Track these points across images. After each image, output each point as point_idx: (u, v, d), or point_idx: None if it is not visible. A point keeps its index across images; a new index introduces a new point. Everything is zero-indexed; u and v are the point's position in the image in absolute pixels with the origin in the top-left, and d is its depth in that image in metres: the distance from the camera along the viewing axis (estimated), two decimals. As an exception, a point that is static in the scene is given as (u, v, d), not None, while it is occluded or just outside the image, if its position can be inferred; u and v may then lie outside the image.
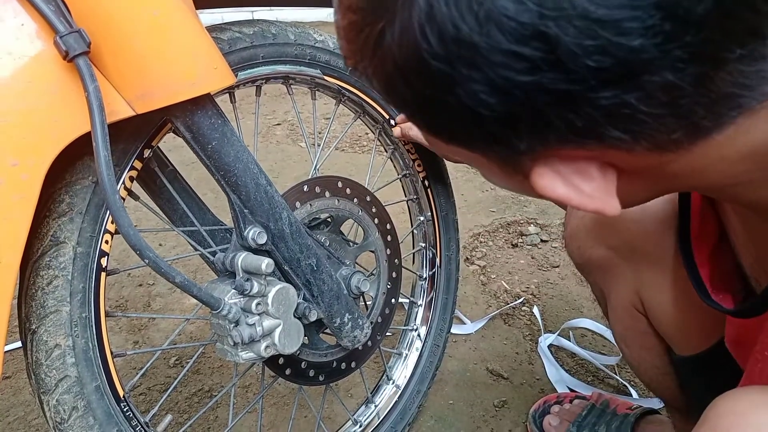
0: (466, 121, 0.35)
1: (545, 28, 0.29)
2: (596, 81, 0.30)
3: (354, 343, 0.84)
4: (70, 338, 0.61)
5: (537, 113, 0.32)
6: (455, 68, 0.32)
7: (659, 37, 0.29)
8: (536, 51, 0.30)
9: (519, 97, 0.32)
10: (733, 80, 0.32)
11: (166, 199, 0.76)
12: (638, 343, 0.84)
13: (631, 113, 0.32)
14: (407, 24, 0.32)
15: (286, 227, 0.71)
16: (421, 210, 1.08)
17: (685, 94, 0.32)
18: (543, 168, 0.37)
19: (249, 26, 0.75)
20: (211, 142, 0.64)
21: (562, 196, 0.37)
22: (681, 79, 0.31)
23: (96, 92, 0.51)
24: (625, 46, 0.29)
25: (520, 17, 0.29)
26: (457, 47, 0.31)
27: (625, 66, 0.30)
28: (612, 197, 0.38)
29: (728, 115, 0.34)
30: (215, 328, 0.69)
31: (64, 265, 0.60)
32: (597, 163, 0.37)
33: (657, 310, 0.78)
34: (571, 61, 0.30)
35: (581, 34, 0.29)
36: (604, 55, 0.29)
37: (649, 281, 0.78)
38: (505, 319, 1.44)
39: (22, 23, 0.51)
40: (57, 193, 0.60)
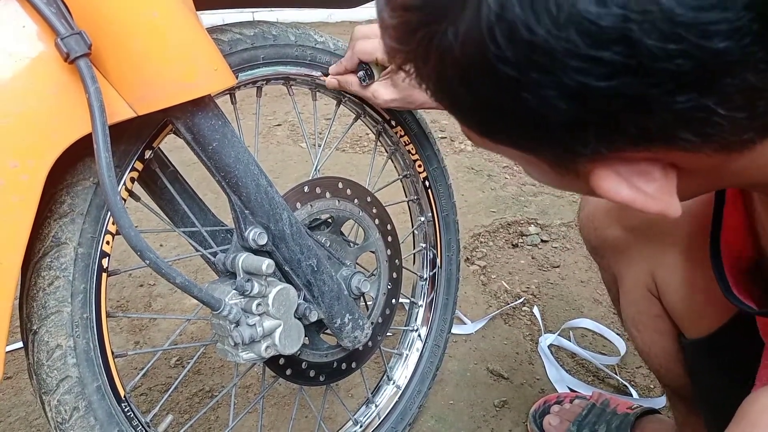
0: (527, 125, 0.33)
1: (628, 31, 0.28)
2: (675, 85, 0.29)
3: (354, 344, 0.84)
4: (72, 339, 0.61)
5: (609, 118, 0.31)
6: (525, 73, 0.30)
7: (746, 38, 0.28)
8: (617, 55, 0.29)
9: (594, 103, 0.30)
10: None
11: (167, 200, 0.76)
12: (651, 326, 0.84)
13: (706, 116, 0.31)
14: (474, 24, 0.30)
15: (287, 228, 0.71)
16: (421, 210, 1.08)
17: (763, 96, 0.31)
18: (604, 170, 0.36)
19: (250, 27, 0.76)
20: (212, 143, 0.64)
21: (627, 199, 0.36)
22: (761, 81, 0.30)
23: (97, 94, 0.52)
24: (710, 49, 0.28)
25: (603, 21, 0.28)
26: (530, 51, 0.29)
27: (707, 69, 0.29)
28: (673, 197, 0.37)
29: None
30: (216, 328, 0.69)
31: (66, 266, 0.60)
32: (660, 164, 0.36)
33: (670, 289, 0.78)
34: (651, 65, 0.29)
35: (665, 38, 0.28)
36: (687, 58, 0.28)
37: (665, 261, 0.78)
38: (506, 319, 1.44)
39: (24, 25, 0.52)
40: (58, 194, 0.61)
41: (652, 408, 1.03)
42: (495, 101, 0.33)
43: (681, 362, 0.83)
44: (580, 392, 1.16)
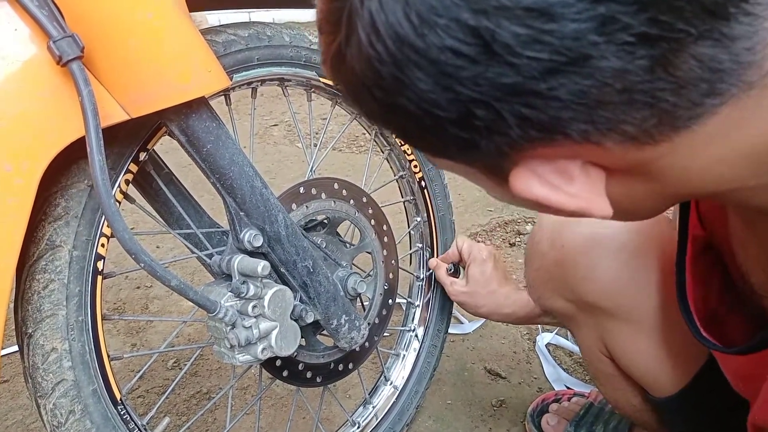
0: (427, 125, 0.35)
1: (476, 21, 0.29)
2: (539, 71, 0.30)
3: (351, 345, 0.84)
4: (67, 342, 0.61)
5: (489, 109, 0.32)
6: (403, 71, 0.32)
7: (595, 21, 0.28)
8: (472, 46, 0.30)
9: (466, 94, 0.32)
10: (700, 64, 0.31)
11: (163, 202, 0.76)
12: (610, 384, 0.84)
13: (587, 103, 0.31)
14: (357, 37, 0.33)
15: (282, 230, 0.71)
16: (417, 211, 1.08)
17: (642, 80, 0.31)
18: (520, 169, 0.37)
19: (244, 28, 0.75)
20: (206, 145, 0.64)
21: (539, 196, 0.37)
22: (631, 64, 0.30)
23: (90, 96, 0.51)
24: (559, 32, 0.29)
25: (450, 13, 0.29)
26: (400, 50, 0.31)
27: (565, 54, 0.29)
28: (599, 197, 0.37)
29: (705, 104, 0.33)
30: (212, 330, 0.69)
31: (60, 269, 0.60)
32: (578, 161, 0.36)
33: (624, 359, 0.78)
34: (508, 53, 0.29)
35: (512, 25, 0.29)
36: (540, 43, 0.29)
37: (611, 332, 0.77)
38: (503, 319, 1.44)
39: (16, 28, 0.51)
40: (53, 197, 0.61)
41: (649, 406, 1.03)
42: (393, 105, 0.35)
43: (650, 413, 0.82)
44: (578, 391, 1.16)
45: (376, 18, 0.31)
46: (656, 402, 0.78)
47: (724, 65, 0.31)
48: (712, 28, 0.30)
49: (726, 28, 0.30)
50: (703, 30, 0.30)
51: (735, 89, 0.32)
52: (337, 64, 0.36)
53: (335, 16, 0.34)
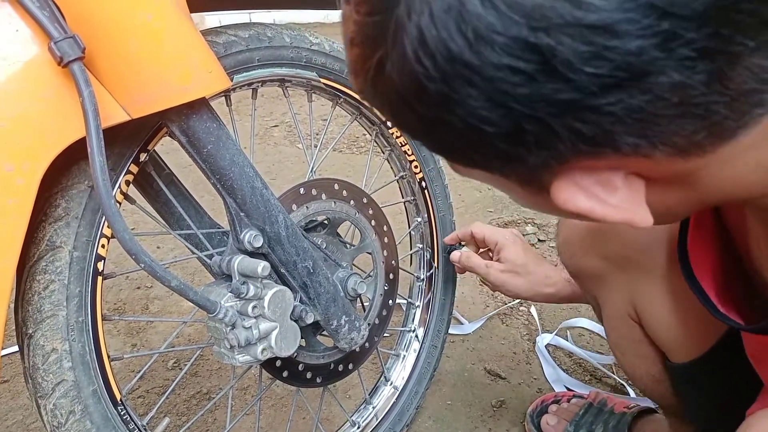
0: (473, 140, 0.34)
1: (536, 39, 0.29)
2: (597, 87, 0.30)
3: (351, 345, 0.84)
4: (67, 342, 0.61)
5: (542, 125, 0.32)
6: (453, 87, 0.32)
7: (658, 37, 0.28)
8: (530, 63, 0.30)
9: (520, 110, 0.31)
10: (754, 76, 0.31)
11: (163, 203, 0.76)
12: (633, 351, 0.84)
13: (642, 117, 0.31)
14: (402, 51, 0.32)
15: (282, 230, 0.71)
16: (418, 211, 1.08)
17: (699, 93, 0.30)
18: (563, 181, 0.36)
19: (244, 29, 0.75)
20: (207, 146, 0.64)
21: (585, 209, 0.36)
22: (691, 78, 0.30)
23: (91, 97, 0.52)
24: (622, 49, 0.28)
25: (509, 31, 0.29)
26: (452, 67, 0.31)
27: (626, 69, 0.29)
28: (641, 207, 0.37)
29: (752, 113, 0.33)
30: (212, 331, 0.69)
31: (61, 270, 0.60)
32: (621, 173, 0.36)
33: (651, 319, 0.78)
34: (568, 70, 0.29)
35: (574, 42, 0.28)
36: (602, 59, 0.29)
37: (643, 291, 0.78)
38: (503, 319, 1.45)
39: (17, 29, 0.52)
40: (53, 197, 0.61)
41: (649, 407, 1.03)
42: (437, 120, 0.34)
43: (666, 383, 0.83)
44: (578, 391, 1.16)
45: (426, 33, 0.31)
46: (675, 368, 0.78)
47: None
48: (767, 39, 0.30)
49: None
50: (760, 42, 0.30)
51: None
52: (374, 79, 0.35)
53: (375, 30, 0.33)
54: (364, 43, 0.35)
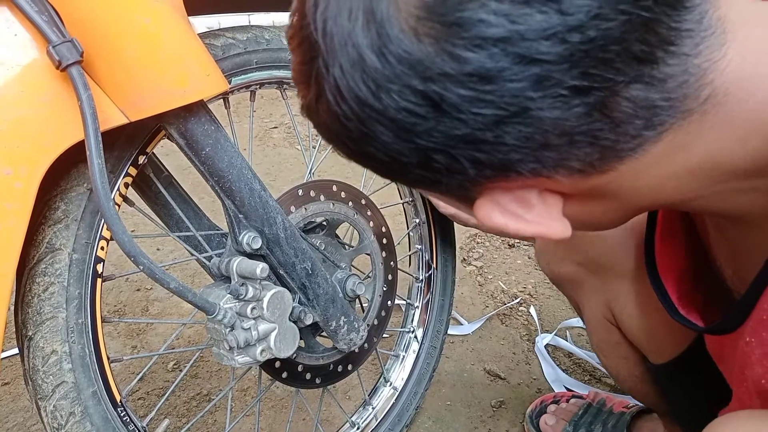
0: (396, 168, 0.39)
1: (424, 87, 0.33)
2: (484, 124, 0.33)
3: (350, 346, 0.84)
4: (67, 344, 0.61)
5: (446, 155, 0.36)
6: (367, 126, 0.36)
7: (530, 80, 0.31)
8: (423, 107, 0.34)
9: (424, 144, 0.35)
10: (633, 105, 0.34)
11: (162, 205, 0.76)
12: (614, 353, 0.85)
13: (532, 146, 0.34)
14: (324, 96, 0.37)
15: (281, 232, 0.72)
16: (417, 212, 1.08)
17: (580, 124, 0.33)
18: (483, 199, 0.40)
19: (242, 32, 0.76)
20: (205, 148, 0.64)
21: (499, 225, 0.40)
22: (568, 113, 0.33)
23: (89, 101, 0.52)
24: (498, 92, 0.32)
25: (401, 81, 0.33)
26: (362, 110, 0.35)
27: (506, 109, 0.33)
28: (555, 221, 0.41)
29: (645, 136, 0.36)
30: (211, 332, 0.69)
31: (60, 272, 0.60)
32: (535, 190, 0.39)
33: (627, 321, 0.79)
34: (456, 111, 0.33)
35: (457, 88, 0.32)
36: (483, 102, 0.32)
37: (617, 294, 0.79)
38: (502, 320, 1.45)
39: (15, 33, 0.52)
40: (52, 200, 0.61)
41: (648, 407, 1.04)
42: (363, 152, 0.39)
43: (650, 383, 0.84)
44: (577, 391, 1.16)
45: (339, 83, 0.35)
46: (655, 369, 0.79)
47: (657, 102, 0.34)
48: (642, 73, 0.33)
49: (655, 71, 0.33)
50: (633, 76, 0.33)
51: (672, 119, 0.35)
52: (310, 115, 0.40)
53: (304, 76, 0.38)
54: (300, 84, 0.39)
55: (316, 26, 0.35)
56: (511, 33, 0.31)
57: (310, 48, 0.36)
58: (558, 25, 0.30)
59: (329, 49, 0.35)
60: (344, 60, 0.34)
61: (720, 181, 0.41)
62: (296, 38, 0.38)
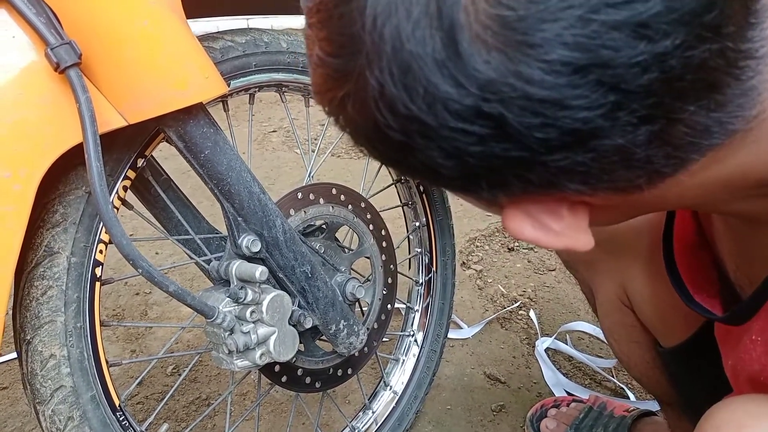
0: (431, 177, 0.37)
1: (489, 108, 0.30)
2: (545, 149, 0.32)
3: (350, 350, 0.84)
4: (65, 348, 0.61)
5: (493, 173, 0.34)
6: (411, 138, 0.33)
7: (604, 108, 0.30)
8: (483, 128, 0.31)
9: (473, 163, 0.33)
10: (692, 131, 0.33)
11: (161, 208, 0.76)
12: (626, 336, 0.85)
13: (586, 170, 0.33)
14: (363, 98, 0.33)
15: (280, 235, 0.71)
16: (416, 215, 1.08)
17: (639, 151, 0.33)
18: (513, 210, 0.39)
19: (241, 35, 0.76)
20: (204, 150, 0.64)
21: (530, 238, 0.39)
22: (632, 141, 0.32)
23: (87, 103, 0.52)
24: (569, 119, 0.30)
25: (464, 101, 0.31)
26: (410, 123, 0.33)
27: (572, 135, 0.31)
28: (582, 233, 0.40)
29: (690, 159, 0.35)
30: (210, 336, 0.69)
31: (59, 276, 0.60)
32: (567, 203, 0.39)
33: (640, 302, 0.79)
34: (518, 135, 0.31)
35: (525, 112, 0.30)
36: (550, 128, 0.31)
37: (632, 274, 0.79)
38: (502, 324, 1.44)
39: (13, 35, 0.52)
40: (50, 203, 0.61)
41: (649, 410, 1.03)
42: (396, 159, 0.37)
43: (661, 370, 0.83)
44: (578, 395, 1.16)
45: (386, 89, 0.32)
46: (665, 353, 0.79)
47: (713, 128, 0.33)
48: (709, 100, 0.32)
49: (720, 96, 0.32)
50: (700, 104, 0.31)
51: (718, 141, 0.35)
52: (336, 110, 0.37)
53: (338, 71, 0.34)
54: (327, 77, 0.36)
55: (365, 20, 0.31)
56: (595, 59, 0.29)
57: (351, 42, 0.32)
58: (644, 53, 0.29)
59: (378, 50, 0.31)
60: (396, 66, 0.31)
61: (743, 190, 0.41)
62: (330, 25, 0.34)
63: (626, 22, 0.28)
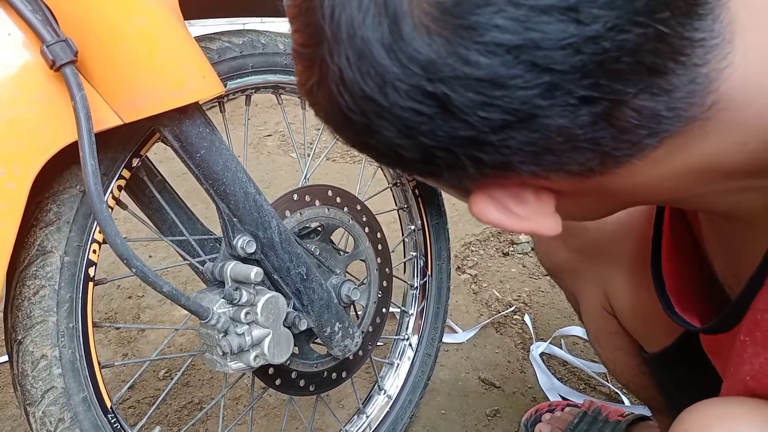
0: (395, 159, 0.38)
1: (433, 88, 0.32)
2: (490, 128, 0.33)
3: (344, 353, 0.84)
4: (57, 349, 0.60)
5: (448, 153, 0.36)
6: (369, 119, 0.36)
7: (541, 88, 0.31)
8: (430, 107, 0.33)
9: (427, 142, 0.35)
10: (639, 115, 0.33)
11: (155, 209, 0.75)
12: (611, 343, 0.86)
13: (535, 150, 0.34)
14: (327, 84, 0.36)
15: (276, 236, 0.71)
16: (411, 219, 1.08)
17: (584, 132, 0.33)
18: (479, 194, 0.40)
19: (238, 36, 0.76)
20: (200, 150, 0.64)
21: (494, 220, 0.40)
22: (574, 121, 0.33)
23: (83, 101, 0.51)
24: (508, 98, 0.32)
25: (410, 80, 0.33)
26: (366, 104, 0.35)
27: (514, 114, 0.32)
28: (548, 218, 0.41)
29: (644, 143, 0.36)
30: (204, 338, 0.69)
31: (51, 275, 0.60)
32: (531, 188, 0.40)
33: (622, 308, 0.80)
34: (462, 114, 0.33)
35: (467, 92, 0.32)
36: (491, 106, 0.32)
37: (613, 281, 0.79)
38: (497, 328, 1.44)
39: (9, 32, 0.51)
40: (44, 202, 0.60)
41: (643, 414, 1.03)
42: (363, 142, 0.39)
43: (647, 376, 0.84)
44: (572, 400, 1.15)
45: (344, 74, 0.34)
46: (650, 359, 0.79)
47: (662, 112, 0.34)
48: (651, 84, 0.33)
49: (663, 82, 0.33)
50: (642, 87, 0.32)
51: (675, 127, 0.35)
52: (311, 99, 0.39)
53: (307, 60, 0.37)
54: (301, 66, 0.38)
55: (323, 12, 0.34)
56: (526, 41, 0.30)
57: (315, 32, 0.35)
58: (574, 35, 0.30)
59: (336, 38, 0.34)
60: (351, 52, 0.34)
61: (717, 181, 0.41)
62: (299, 19, 0.37)
63: (555, 6, 0.30)
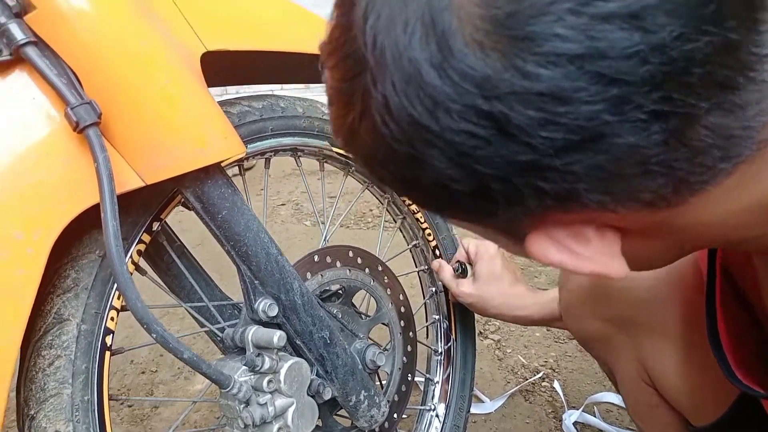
0: (444, 197, 0.36)
1: (489, 107, 0.30)
2: (553, 149, 0.31)
3: (371, 424, 0.79)
4: (71, 424, 0.57)
5: (506, 183, 0.33)
6: (417, 149, 0.33)
7: (608, 102, 0.29)
8: (486, 129, 0.31)
9: (482, 170, 0.32)
10: (712, 133, 0.31)
11: (174, 275, 0.74)
12: (652, 417, 0.80)
13: (604, 176, 0.32)
14: (370, 115, 0.34)
15: (298, 298, 0.69)
16: (433, 280, 1.05)
17: (657, 153, 0.31)
18: (537, 234, 0.37)
19: (258, 100, 0.76)
20: (221, 211, 0.63)
21: (555, 262, 0.37)
22: (646, 139, 0.30)
23: (105, 162, 0.51)
24: (572, 114, 0.29)
25: (463, 100, 0.30)
26: (414, 131, 0.33)
27: (579, 133, 0.30)
28: (614, 259, 0.38)
29: (719, 168, 0.33)
30: (224, 409, 0.65)
31: (67, 344, 0.57)
32: (593, 225, 0.37)
33: (663, 379, 0.75)
34: (523, 134, 0.30)
35: (526, 109, 0.30)
36: (554, 125, 0.30)
37: (652, 352, 0.75)
38: (526, 396, 1.38)
39: (34, 96, 0.51)
40: (62, 268, 0.59)
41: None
42: (408, 178, 0.36)
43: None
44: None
45: (390, 100, 0.32)
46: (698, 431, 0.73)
47: (736, 131, 0.32)
48: (723, 100, 0.31)
49: (736, 98, 0.31)
50: (714, 102, 0.30)
51: (748, 150, 0.33)
52: (350, 138, 0.37)
53: (347, 94, 0.35)
54: (339, 104, 0.37)
55: (366, 40, 0.32)
56: (590, 50, 0.28)
57: (356, 63, 0.34)
58: (640, 44, 0.28)
59: (379, 64, 0.32)
60: (397, 76, 0.32)
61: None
62: (337, 54, 0.35)
63: (616, 14, 0.28)
